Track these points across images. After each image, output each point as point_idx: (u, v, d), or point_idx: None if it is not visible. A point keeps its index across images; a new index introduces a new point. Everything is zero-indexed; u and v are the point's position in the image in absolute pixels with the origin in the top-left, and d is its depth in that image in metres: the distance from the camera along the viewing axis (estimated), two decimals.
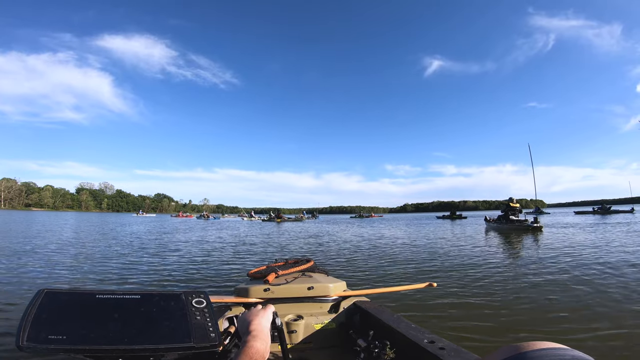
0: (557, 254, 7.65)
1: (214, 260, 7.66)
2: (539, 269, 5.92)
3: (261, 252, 9.52)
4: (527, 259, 7.18)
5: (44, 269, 6.16)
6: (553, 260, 6.80)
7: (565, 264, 6.31)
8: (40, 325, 0.69)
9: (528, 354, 0.58)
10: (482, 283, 4.91)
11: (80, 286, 4.98)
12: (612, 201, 50.61)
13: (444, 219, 38.36)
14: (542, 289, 4.52)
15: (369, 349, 1.37)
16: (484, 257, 7.66)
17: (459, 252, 8.66)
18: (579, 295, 4.14)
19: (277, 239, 13.88)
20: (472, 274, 5.61)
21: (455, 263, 6.80)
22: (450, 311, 3.59)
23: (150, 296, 0.84)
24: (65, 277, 5.60)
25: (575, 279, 5.08)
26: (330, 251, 9.45)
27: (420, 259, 7.53)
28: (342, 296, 1.91)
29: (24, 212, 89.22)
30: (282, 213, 42.65)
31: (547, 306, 3.74)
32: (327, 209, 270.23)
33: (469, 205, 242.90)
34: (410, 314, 3.46)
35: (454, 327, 3.11)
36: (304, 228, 23.58)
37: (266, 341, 0.91)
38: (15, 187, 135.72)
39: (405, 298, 3.95)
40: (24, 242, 10.88)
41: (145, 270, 6.32)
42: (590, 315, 3.40)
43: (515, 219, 16.69)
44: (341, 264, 6.99)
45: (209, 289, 4.74)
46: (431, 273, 5.84)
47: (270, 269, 2.08)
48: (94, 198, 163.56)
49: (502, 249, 9.35)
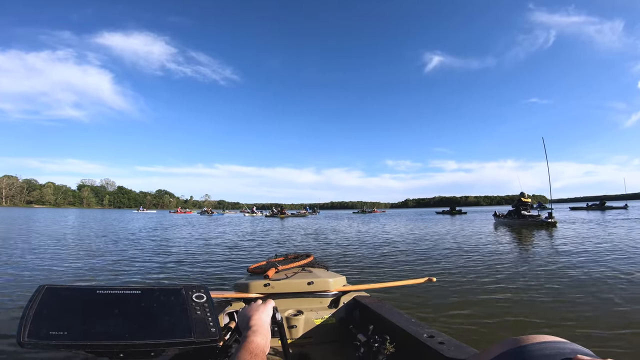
0: (572, 250, 7.52)
1: (219, 255, 7.69)
2: (546, 265, 5.89)
3: (273, 247, 9.59)
4: (536, 255, 7.10)
5: (44, 265, 6.19)
6: (565, 256, 6.70)
7: (579, 261, 6.17)
8: (41, 321, 0.68)
9: (527, 347, 0.58)
10: (484, 278, 4.92)
11: (81, 282, 4.99)
12: (606, 197, 51.29)
13: (444, 214, 38.30)
14: (548, 284, 4.52)
15: (368, 343, 1.37)
16: (491, 252, 7.62)
17: (466, 247, 8.65)
18: (590, 292, 4.09)
19: (285, 235, 13.83)
20: (473, 269, 5.62)
21: (459, 258, 6.83)
22: (450, 306, 3.60)
23: (151, 291, 0.84)
24: (66, 272, 5.62)
25: (583, 274, 5.03)
26: (337, 247, 9.36)
27: (428, 254, 7.54)
28: (342, 291, 1.90)
29: (25, 209, 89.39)
30: (284, 209, 42.52)
31: (551, 302, 3.74)
32: (328, 204, 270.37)
33: (471, 200, 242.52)
34: (410, 308, 3.48)
35: (454, 322, 3.13)
36: (308, 223, 23.44)
37: (266, 336, 0.91)
38: (16, 184, 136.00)
39: (404, 293, 3.97)
40: (23, 238, 10.91)
41: (146, 265, 6.35)
42: (603, 315, 3.30)
43: (527, 214, 16.20)
44: (348, 261, 6.94)
45: (209, 284, 4.76)
46: (437, 268, 5.86)
47: (270, 264, 2.08)
48: (95, 195, 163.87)
49: (512, 244, 9.22)
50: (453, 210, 40.01)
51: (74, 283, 0.93)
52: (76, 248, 8.73)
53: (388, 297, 3.79)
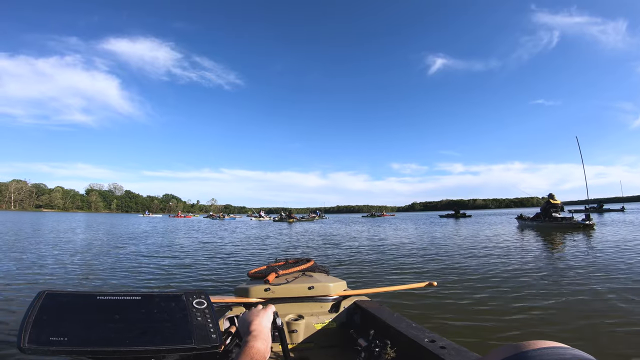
0: (616, 254, 6.88)
1: (223, 260, 7.69)
2: (570, 269, 5.53)
3: (290, 252, 9.46)
4: (565, 259, 6.54)
5: (44, 270, 6.15)
6: (604, 261, 6.13)
7: (612, 266, 5.65)
8: (41, 327, 0.69)
9: (528, 353, 0.57)
10: (491, 282, 4.84)
11: (81, 288, 4.98)
12: (604, 200, 51.36)
13: (448, 218, 37.45)
14: (570, 291, 4.23)
15: (369, 348, 1.38)
16: (510, 256, 7.20)
17: (476, 251, 8.42)
18: (606, 301, 3.78)
19: (301, 240, 13.28)
20: (477, 271, 5.54)
21: (463, 262, 6.71)
22: (452, 310, 3.55)
23: (151, 297, 0.84)
24: (66, 278, 5.58)
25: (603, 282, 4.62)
26: (357, 255, 8.38)
27: (436, 258, 7.39)
28: (342, 296, 1.91)
29: (33, 213, 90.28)
30: (293, 213, 42.31)
31: (557, 308, 3.62)
32: (335, 208, 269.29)
33: (479, 203, 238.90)
34: (411, 313, 3.44)
35: (455, 326, 3.09)
36: (318, 228, 22.25)
37: (267, 341, 0.91)
38: (25, 188, 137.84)
39: (405, 297, 3.92)
40: (26, 243, 10.90)
41: (145, 269, 6.35)
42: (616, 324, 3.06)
43: (559, 216, 15.30)
44: (373, 271, 6.23)
45: (210, 290, 4.74)
46: (439, 270, 5.77)
47: (271, 269, 2.09)
48: (103, 199, 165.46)
49: (538, 248, 8.55)
50: (457, 214, 39.32)
51: (74, 289, 0.93)
52: (77, 253, 8.68)
53: (389, 301, 3.76)
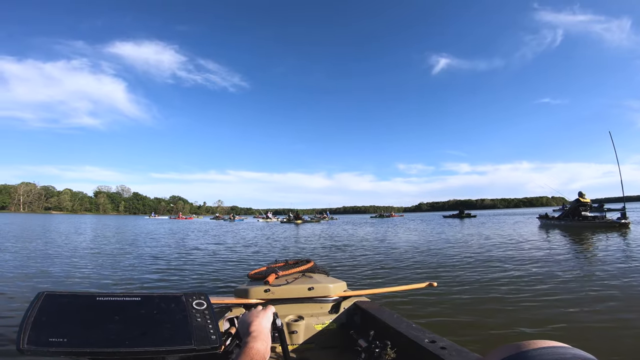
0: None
1: (229, 260, 7.69)
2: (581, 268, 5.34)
3: (303, 255, 9.11)
4: (585, 260, 6.21)
5: (44, 271, 6.14)
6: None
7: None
8: (41, 328, 0.69)
9: (529, 353, 0.57)
10: (495, 281, 4.77)
11: (81, 288, 4.95)
12: (608, 199, 50.61)
13: (452, 218, 36.64)
14: (569, 289, 4.18)
15: (369, 349, 1.38)
16: (529, 258, 6.80)
17: (484, 251, 8.25)
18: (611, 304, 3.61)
19: (313, 242, 12.83)
20: (479, 272, 5.46)
21: (466, 262, 6.62)
22: (452, 311, 3.52)
23: (151, 298, 0.84)
24: (65, 279, 5.56)
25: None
26: (382, 259, 7.54)
27: (446, 261, 7.20)
28: (342, 296, 1.90)
29: (42, 215, 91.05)
30: (300, 214, 42.09)
31: (560, 307, 3.56)
32: (341, 209, 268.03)
33: (487, 203, 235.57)
34: (411, 313, 3.42)
35: (455, 327, 3.06)
36: (328, 230, 20.58)
37: (267, 342, 0.92)
38: (34, 190, 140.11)
39: (405, 298, 3.90)
40: (28, 245, 10.86)
41: (150, 271, 6.35)
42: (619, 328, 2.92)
43: (589, 215, 14.78)
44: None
45: (209, 291, 4.72)
46: (440, 272, 5.71)
47: (271, 270, 2.09)
48: (111, 201, 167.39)
49: (567, 249, 8.14)
50: (462, 214, 38.73)
51: (73, 289, 0.94)
52: (78, 254, 8.66)
53: (389, 302, 3.74)
